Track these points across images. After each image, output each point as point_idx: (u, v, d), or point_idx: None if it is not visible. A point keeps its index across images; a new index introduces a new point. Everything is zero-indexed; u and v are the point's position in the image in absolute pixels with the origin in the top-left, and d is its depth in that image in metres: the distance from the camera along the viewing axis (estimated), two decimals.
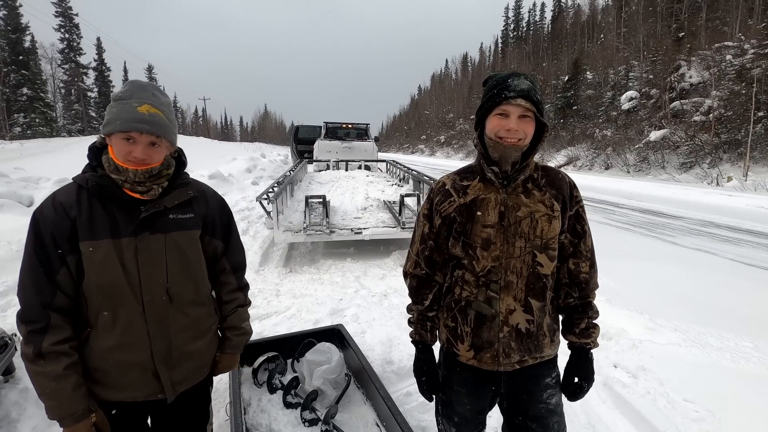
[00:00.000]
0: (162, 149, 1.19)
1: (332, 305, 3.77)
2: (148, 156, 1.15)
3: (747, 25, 22.53)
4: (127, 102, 1.13)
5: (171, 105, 1.24)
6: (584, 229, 1.30)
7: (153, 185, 1.19)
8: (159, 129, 1.14)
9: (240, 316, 1.44)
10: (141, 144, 1.13)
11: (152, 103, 1.15)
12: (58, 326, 1.12)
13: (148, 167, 1.16)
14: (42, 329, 1.10)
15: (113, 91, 18.24)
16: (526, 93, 1.15)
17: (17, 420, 2.20)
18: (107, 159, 1.17)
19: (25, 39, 37.53)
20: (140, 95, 1.15)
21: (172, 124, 1.21)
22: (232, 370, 1.59)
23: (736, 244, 6.57)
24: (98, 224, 1.14)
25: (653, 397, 2.44)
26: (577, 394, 1.32)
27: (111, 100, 1.16)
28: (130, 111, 1.11)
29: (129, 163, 1.14)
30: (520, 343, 1.24)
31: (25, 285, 1.12)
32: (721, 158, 17.57)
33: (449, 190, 1.31)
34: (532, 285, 1.23)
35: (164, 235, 1.21)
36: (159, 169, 1.20)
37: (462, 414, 1.37)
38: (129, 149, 1.13)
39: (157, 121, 1.14)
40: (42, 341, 1.09)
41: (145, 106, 1.13)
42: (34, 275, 1.11)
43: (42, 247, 1.11)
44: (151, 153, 1.15)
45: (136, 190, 1.17)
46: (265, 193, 5.43)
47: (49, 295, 1.11)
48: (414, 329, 1.41)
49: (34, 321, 1.10)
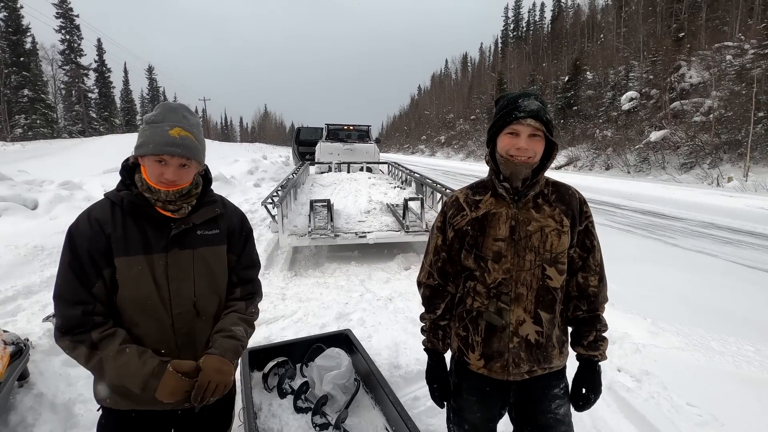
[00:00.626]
0: (191, 170, 1.24)
1: (338, 309, 3.81)
2: (179, 177, 1.20)
3: (747, 25, 22.54)
4: (160, 125, 1.18)
5: (200, 125, 1.29)
6: (593, 243, 1.33)
7: (183, 204, 1.25)
8: (189, 152, 1.20)
9: (231, 319, 1.34)
10: (172, 166, 1.18)
11: (183, 126, 1.20)
12: (102, 324, 1.16)
13: (179, 188, 1.22)
14: (88, 329, 1.14)
15: (114, 91, 17.89)
16: (535, 113, 1.20)
17: (33, 425, 2.24)
18: (140, 179, 1.22)
19: (26, 40, 37.68)
20: (172, 118, 1.20)
21: (201, 145, 1.26)
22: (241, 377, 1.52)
23: (737, 246, 6.60)
24: (132, 241, 1.19)
25: (657, 401, 2.48)
26: (584, 405, 1.35)
27: (144, 122, 1.22)
28: (163, 134, 1.17)
29: (161, 184, 1.19)
30: (529, 354, 1.28)
31: (65, 299, 1.15)
32: (722, 159, 17.61)
33: (462, 204, 1.37)
34: (542, 297, 1.27)
35: (192, 250, 1.26)
36: (188, 189, 1.25)
37: (472, 422, 1.41)
38: (161, 171, 1.18)
39: (187, 144, 1.19)
40: (90, 336, 1.13)
41: (176, 129, 1.18)
42: (72, 288, 1.14)
43: (78, 261, 1.15)
44: (181, 174, 1.21)
45: (168, 209, 1.23)
46: (270, 197, 5.48)
47: (90, 305, 1.15)
48: (426, 337, 1.47)
49: (77, 327, 1.13)
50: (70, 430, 2.28)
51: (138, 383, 1.13)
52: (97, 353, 1.13)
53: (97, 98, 46.57)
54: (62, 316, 1.14)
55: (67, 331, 1.13)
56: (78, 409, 2.40)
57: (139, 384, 1.13)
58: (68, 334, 1.13)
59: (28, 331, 3.15)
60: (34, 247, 5.05)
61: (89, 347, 1.13)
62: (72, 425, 2.30)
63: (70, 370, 2.71)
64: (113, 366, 1.13)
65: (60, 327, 1.14)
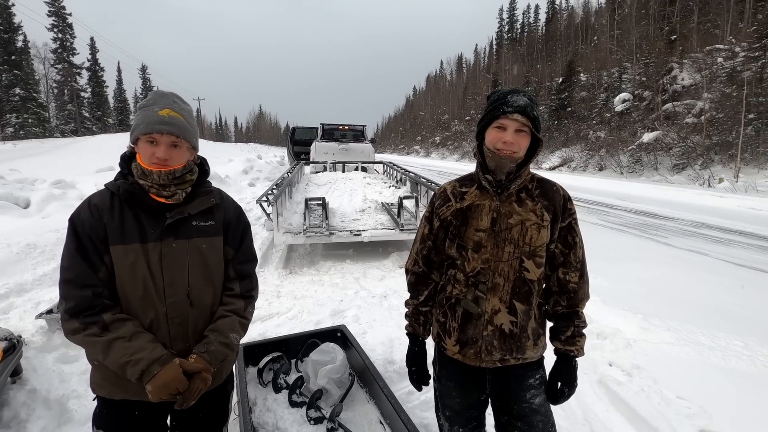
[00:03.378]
0: (183, 151, 1.26)
1: (333, 306, 3.82)
2: (170, 156, 1.22)
3: (738, 28, 22.84)
4: (150, 108, 1.22)
5: (192, 112, 1.31)
6: (575, 240, 1.36)
7: (177, 190, 1.26)
8: (178, 130, 1.22)
9: (231, 324, 1.32)
10: (163, 144, 1.21)
11: (172, 108, 1.23)
12: (112, 306, 1.18)
13: (171, 168, 1.23)
14: (99, 311, 1.15)
15: (107, 90, 17.92)
16: (522, 109, 1.23)
17: (26, 420, 2.23)
18: (136, 165, 1.24)
19: (17, 38, 37.26)
20: (162, 102, 1.24)
21: (192, 128, 1.28)
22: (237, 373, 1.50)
23: (728, 245, 6.69)
24: (128, 229, 1.21)
25: (647, 395, 2.52)
26: (559, 399, 1.38)
27: (137, 110, 1.25)
28: (153, 115, 1.20)
29: (153, 165, 1.21)
30: (502, 343, 1.31)
31: (74, 282, 1.15)
32: (713, 160, 17.81)
33: (449, 195, 1.42)
34: (518, 289, 1.30)
35: (187, 241, 1.27)
36: (182, 173, 1.26)
37: (452, 407, 1.45)
38: (152, 150, 1.20)
39: (176, 122, 1.22)
40: (102, 317, 1.14)
41: (165, 110, 1.21)
42: (82, 272, 1.16)
43: (83, 247, 1.17)
44: (172, 154, 1.22)
45: (162, 194, 1.24)
46: (264, 195, 5.47)
47: (100, 288, 1.17)
48: (409, 322, 1.53)
49: (88, 308, 1.14)
50: (64, 425, 2.27)
51: (141, 366, 1.12)
52: (108, 333, 1.13)
53: (89, 97, 46.09)
54: (73, 298, 1.14)
55: (76, 313, 1.14)
56: (72, 404, 2.40)
57: (142, 366, 1.12)
58: (77, 316, 1.13)
59: (20, 328, 3.13)
60: (27, 245, 5.01)
61: (101, 328, 1.13)
62: (66, 420, 2.30)
63: (63, 367, 2.70)
64: (123, 346, 1.13)
65: (69, 309, 1.14)
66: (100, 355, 1.14)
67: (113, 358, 1.13)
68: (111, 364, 1.14)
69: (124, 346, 1.13)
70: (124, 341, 1.13)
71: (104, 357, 1.14)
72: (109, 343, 1.13)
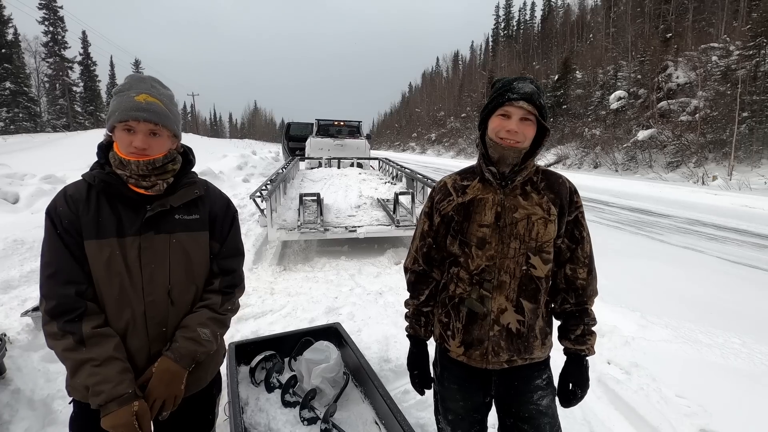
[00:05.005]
0: (163, 139, 1.17)
1: (327, 303, 3.76)
2: (148, 146, 1.13)
3: (732, 27, 22.96)
4: (125, 93, 1.13)
5: (172, 98, 1.22)
6: (582, 235, 1.30)
7: (158, 180, 1.17)
8: (157, 117, 1.13)
9: (199, 318, 1.23)
10: (140, 132, 1.12)
11: (150, 93, 1.14)
12: (94, 312, 1.10)
13: (150, 158, 1.14)
14: (79, 316, 1.08)
15: (99, 85, 17.58)
16: (528, 96, 1.16)
17: (9, 422, 2.16)
18: (113, 155, 1.15)
19: (7, 32, 36.68)
20: (138, 86, 1.14)
21: (172, 114, 1.19)
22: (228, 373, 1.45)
23: (722, 242, 6.71)
24: (105, 223, 1.13)
25: (646, 393, 2.49)
26: (571, 400, 1.32)
27: (112, 95, 1.16)
28: (128, 101, 1.11)
29: (131, 154, 1.12)
30: (509, 343, 1.26)
31: (54, 279, 1.08)
32: (707, 157, 17.93)
33: (449, 189, 1.35)
34: (525, 286, 1.24)
35: (169, 235, 1.19)
36: (162, 162, 1.17)
37: (455, 410, 1.39)
38: (130, 139, 1.12)
39: (154, 109, 1.13)
40: (81, 328, 1.07)
41: (142, 95, 1.12)
42: (61, 267, 1.09)
43: (62, 240, 1.10)
44: (151, 143, 1.14)
45: (141, 185, 1.15)
46: (258, 191, 5.39)
47: (83, 285, 1.10)
48: (409, 323, 1.46)
49: (70, 310, 1.07)
50: (49, 426, 2.20)
51: (100, 400, 1.05)
52: (82, 349, 1.06)
53: (82, 92, 45.52)
54: (54, 296, 1.07)
55: (57, 315, 1.07)
56: (57, 405, 2.33)
57: (100, 401, 1.05)
58: (58, 318, 1.07)
59: (5, 326, 3.05)
60: (14, 241, 4.90)
61: (77, 341, 1.06)
62: (50, 422, 2.22)
63: (49, 366, 2.62)
64: (91, 371, 1.06)
65: (50, 310, 1.07)
66: (69, 371, 1.08)
67: (79, 380, 1.07)
68: (74, 384, 1.09)
69: (92, 372, 1.06)
70: (93, 365, 1.06)
71: (71, 375, 1.08)
72: (80, 364, 1.07)
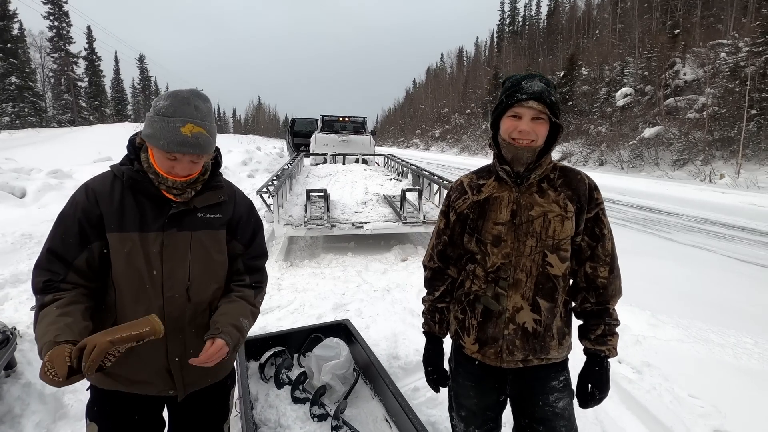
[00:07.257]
0: (202, 161, 1.21)
1: (335, 300, 3.75)
2: (189, 171, 1.17)
3: (741, 23, 22.67)
4: (171, 121, 1.10)
5: (212, 111, 1.21)
6: (603, 232, 1.27)
7: (188, 189, 1.21)
8: (201, 149, 1.14)
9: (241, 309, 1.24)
10: (183, 162, 1.14)
11: (195, 121, 1.12)
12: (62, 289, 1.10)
13: (188, 179, 1.19)
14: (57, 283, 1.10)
15: (104, 80, 17.44)
16: (538, 95, 1.15)
17: (21, 415, 2.16)
18: (146, 159, 1.18)
19: (13, 26, 36.81)
20: (183, 112, 1.11)
21: (213, 137, 1.19)
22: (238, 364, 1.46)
23: (731, 241, 6.65)
24: (128, 217, 1.15)
25: (659, 393, 2.46)
26: (589, 402, 1.29)
27: (152, 110, 1.13)
28: (174, 132, 1.09)
29: (170, 174, 1.16)
30: (525, 342, 1.24)
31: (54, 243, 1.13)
32: (714, 155, 17.75)
33: (465, 188, 1.36)
34: (542, 285, 1.23)
35: (191, 233, 1.21)
36: (197, 177, 1.22)
37: (469, 407, 1.38)
38: (171, 165, 1.15)
39: (200, 142, 1.13)
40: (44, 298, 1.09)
41: (188, 126, 1.10)
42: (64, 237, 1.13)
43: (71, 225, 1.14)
44: (192, 168, 1.18)
45: (171, 192, 1.19)
46: (265, 187, 5.39)
47: (61, 275, 1.11)
48: (425, 320, 1.47)
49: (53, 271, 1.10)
50: (59, 420, 2.21)
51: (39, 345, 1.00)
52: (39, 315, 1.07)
53: (86, 87, 45.54)
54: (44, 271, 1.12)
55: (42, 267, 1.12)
56: (67, 399, 2.33)
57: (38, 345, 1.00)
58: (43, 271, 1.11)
59: (15, 320, 3.06)
60: (22, 235, 4.93)
61: (39, 307, 1.08)
62: (61, 415, 2.23)
63: None
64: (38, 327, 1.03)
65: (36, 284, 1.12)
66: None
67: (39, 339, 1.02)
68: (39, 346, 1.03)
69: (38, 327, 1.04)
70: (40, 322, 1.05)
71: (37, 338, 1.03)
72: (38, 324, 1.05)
